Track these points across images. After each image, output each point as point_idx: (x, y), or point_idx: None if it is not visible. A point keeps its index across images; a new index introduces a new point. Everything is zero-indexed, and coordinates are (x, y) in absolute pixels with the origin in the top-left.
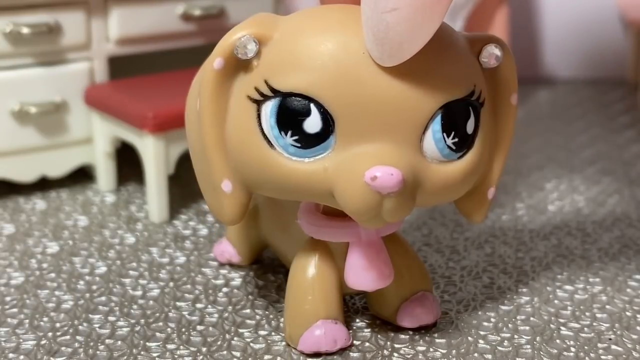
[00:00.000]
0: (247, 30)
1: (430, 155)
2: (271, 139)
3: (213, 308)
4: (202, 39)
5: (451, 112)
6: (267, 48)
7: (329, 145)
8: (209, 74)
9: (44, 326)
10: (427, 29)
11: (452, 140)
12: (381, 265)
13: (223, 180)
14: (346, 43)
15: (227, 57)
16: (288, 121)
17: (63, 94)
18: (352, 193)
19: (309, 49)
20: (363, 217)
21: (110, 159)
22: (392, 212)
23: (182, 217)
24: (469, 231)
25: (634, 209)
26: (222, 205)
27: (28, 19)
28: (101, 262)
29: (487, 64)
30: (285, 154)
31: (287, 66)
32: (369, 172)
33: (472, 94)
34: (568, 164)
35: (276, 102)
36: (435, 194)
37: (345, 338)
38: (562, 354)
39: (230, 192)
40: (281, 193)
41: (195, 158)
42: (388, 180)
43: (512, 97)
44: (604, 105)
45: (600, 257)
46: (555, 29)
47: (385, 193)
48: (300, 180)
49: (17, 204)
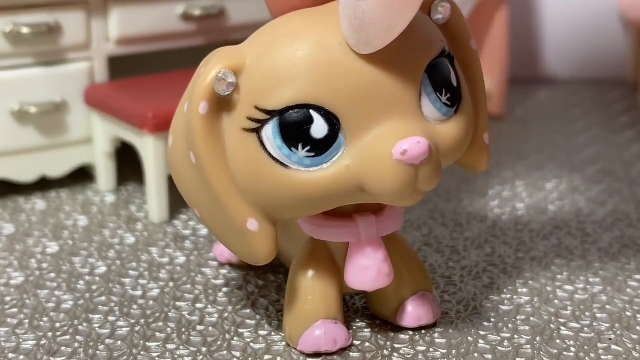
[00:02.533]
0: (218, 67)
1: (433, 117)
2: (283, 160)
3: (213, 308)
4: (202, 39)
5: (435, 71)
6: (244, 77)
7: (340, 144)
8: (197, 122)
9: (44, 326)
10: (403, 16)
11: (446, 97)
12: (381, 265)
13: (247, 220)
14: (319, 42)
15: (210, 99)
16: (295, 135)
17: (63, 94)
18: (386, 175)
19: (286, 60)
20: (403, 194)
21: (110, 159)
22: (428, 180)
23: (182, 217)
24: (469, 231)
25: (634, 209)
26: (254, 246)
27: (28, 19)
28: (101, 262)
29: (441, 18)
30: (303, 168)
31: (271, 85)
32: (395, 148)
33: (444, 50)
34: (568, 164)
35: (275, 122)
36: (449, 153)
37: (345, 338)
38: (562, 354)
39: (258, 230)
40: (311, 209)
41: (205, 211)
42: (418, 149)
43: (470, 42)
44: (604, 105)
45: (600, 257)
46: (555, 29)
47: (419, 162)
48: (327, 188)
49: (17, 204)
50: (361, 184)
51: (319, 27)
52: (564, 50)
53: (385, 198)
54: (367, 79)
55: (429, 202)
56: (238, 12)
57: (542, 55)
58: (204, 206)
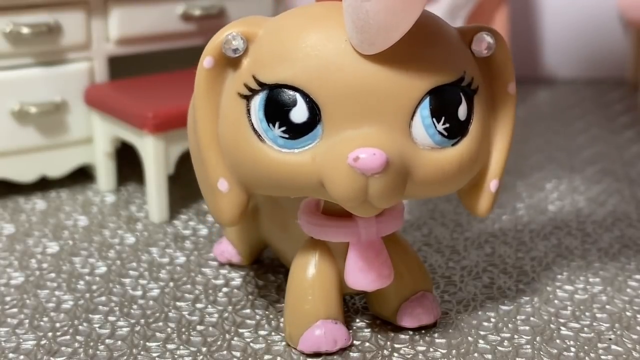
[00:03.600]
0: (234, 29)
1: (422, 141)
2: (261, 133)
3: (213, 308)
4: (202, 39)
5: (440, 98)
6: (254, 45)
7: (316, 135)
8: (200, 73)
9: (44, 326)
10: (406, 17)
11: (442, 126)
12: (381, 265)
13: (219, 179)
14: (328, 34)
15: (217, 56)
16: (275, 113)
17: (63, 94)
18: (337, 177)
19: (292, 42)
20: (350, 202)
21: (110, 159)
22: (379, 196)
23: (182, 217)
24: (469, 231)
25: (634, 209)
26: (220, 205)
27: (28, 19)
28: (101, 262)
29: (479, 52)
30: (275, 146)
31: (272, 60)
32: (352, 153)
33: (461, 80)
34: (568, 164)
35: (263, 95)
36: (429, 182)
37: (345, 338)
38: (562, 354)
39: (226, 192)
40: (274, 188)
41: (194, 159)
42: (371, 160)
43: (509, 86)
44: (604, 105)
45: (600, 257)
46: (555, 29)
47: (370, 174)
48: (291, 172)
49: (17, 204)
50: (321, 180)
51: (333, 20)
52: (564, 50)
53: (336, 200)
54: (360, 81)
55: (429, 202)
56: (238, 12)
57: (542, 55)
58: (194, 154)
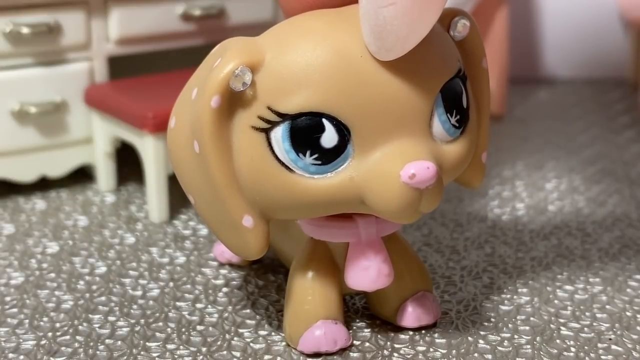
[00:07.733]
0: (236, 61)
1: (440, 137)
2: (288, 164)
3: (213, 308)
4: (202, 39)
5: (449, 92)
6: (261, 74)
7: (348, 155)
8: (206, 115)
9: (44, 326)
10: (424, 22)
11: (455, 119)
12: (381, 265)
13: (243, 217)
14: (340, 50)
15: (223, 93)
16: (304, 142)
17: (63, 94)
18: (391, 196)
19: (306, 64)
20: (404, 215)
21: (110, 159)
22: (430, 202)
23: (182, 217)
24: (469, 231)
25: (634, 209)
26: (247, 241)
27: (28, 19)
28: (101, 262)
29: (459, 36)
30: (307, 174)
31: (288, 87)
32: (404, 171)
33: (460, 70)
34: (568, 164)
35: (286, 126)
36: (450, 172)
37: (345, 338)
38: (562, 354)
39: (252, 227)
40: (308, 213)
41: (202, 201)
42: (426, 174)
43: (482, 61)
44: (604, 105)
45: (600, 257)
46: (555, 29)
47: (424, 187)
48: (329, 196)
49: (17, 204)
50: (362, 197)
51: (341, 33)
52: (564, 50)
53: (385, 215)
54: (384, 94)
55: None
56: (238, 12)
57: (542, 55)
58: (200, 195)
